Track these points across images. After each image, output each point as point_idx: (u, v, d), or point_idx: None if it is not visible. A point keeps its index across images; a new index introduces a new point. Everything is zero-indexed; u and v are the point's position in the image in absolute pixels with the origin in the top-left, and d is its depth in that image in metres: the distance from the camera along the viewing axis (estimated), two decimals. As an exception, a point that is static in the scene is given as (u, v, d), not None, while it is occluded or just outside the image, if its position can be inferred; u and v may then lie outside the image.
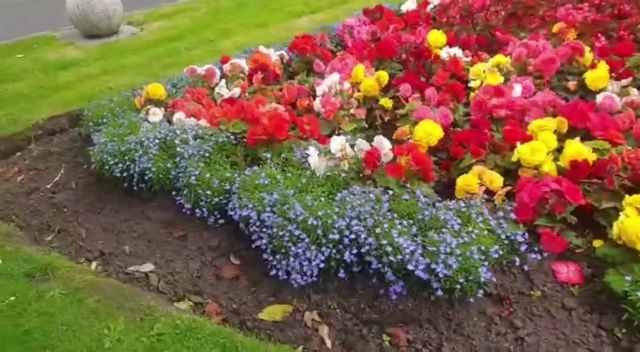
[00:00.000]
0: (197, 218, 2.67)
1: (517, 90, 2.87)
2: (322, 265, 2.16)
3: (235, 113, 2.90)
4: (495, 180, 2.24)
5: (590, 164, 2.20)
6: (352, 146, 2.55)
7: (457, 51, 3.71)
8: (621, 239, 1.94)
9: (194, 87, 3.69)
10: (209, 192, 2.55)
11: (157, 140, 2.86)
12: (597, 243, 2.10)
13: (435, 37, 3.82)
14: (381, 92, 3.26)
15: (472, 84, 3.14)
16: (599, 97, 2.77)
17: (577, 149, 2.22)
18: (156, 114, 3.19)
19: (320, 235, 2.19)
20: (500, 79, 3.15)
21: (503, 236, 2.04)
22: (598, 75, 2.90)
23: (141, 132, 2.96)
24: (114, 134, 3.00)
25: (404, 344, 1.97)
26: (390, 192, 2.29)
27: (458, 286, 1.95)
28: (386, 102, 3.21)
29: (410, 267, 2.00)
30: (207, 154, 2.71)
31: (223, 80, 3.55)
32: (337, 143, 2.46)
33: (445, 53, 3.71)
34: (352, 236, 2.15)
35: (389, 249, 2.05)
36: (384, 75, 3.17)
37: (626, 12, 4.08)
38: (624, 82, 2.94)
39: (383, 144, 2.42)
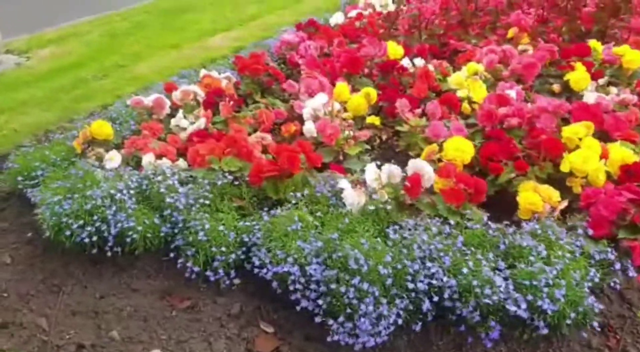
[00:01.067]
0: (203, 282, 2.16)
1: (512, 97, 2.81)
2: (399, 321, 1.82)
3: (225, 148, 2.43)
4: (553, 195, 2.10)
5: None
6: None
7: (419, 62, 3.61)
8: None
9: (140, 121, 3.09)
10: (223, 248, 2.06)
11: (132, 191, 2.28)
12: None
13: (394, 49, 3.68)
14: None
15: (459, 94, 3.03)
16: (589, 98, 2.82)
17: (622, 153, 2.18)
18: (113, 159, 2.57)
19: (389, 285, 1.85)
20: (482, 87, 3.09)
21: (596, 256, 1.89)
22: (580, 77, 2.97)
23: (104, 183, 2.33)
24: (65, 188, 2.33)
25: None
26: (451, 221, 2.04)
27: (569, 322, 1.75)
28: (373, 119, 2.97)
29: (511, 308, 1.75)
30: (206, 202, 2.21)
31: (180, 112, 3.01)
32: (372, 172, 2.14)
33: (406, 65, 3.59)
34: (428, 281, 1.85)
35: (478, 290, 1.78)
36: (372, 92, 2.93)
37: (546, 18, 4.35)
38: (601, 81, 3.05)
39: (424, 168, 2.16)
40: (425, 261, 1.89)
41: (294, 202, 2.15)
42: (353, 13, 5.03)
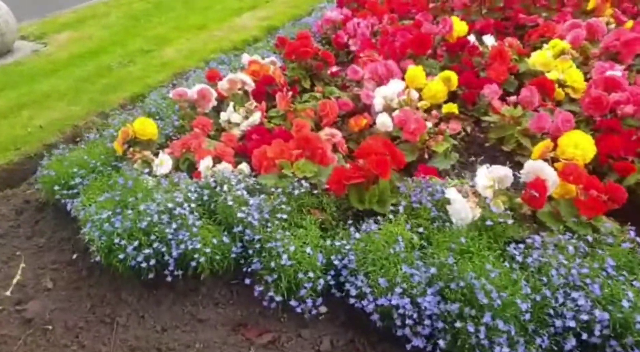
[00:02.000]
0: (283, 310, 1.83)
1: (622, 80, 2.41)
2: (540, 362, 1.49)
3: (296, 149, 2.07)
4: None
5: None
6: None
7: (489, 39, 3.19)
8: None
9: (184, 116, 2.73)
10: (311, 273, 1.72)
11: (193, 205, 1.93)
12: None
13: (459, 25, 3.26)
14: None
15: (550, 77, 2.62)
16: None
17: None
18: (164, 163, 2.22)
19: (526, 320, 1.50)
20: (575, 68, 2.69)
21: None
22: (692, 54, 2.55)
23: (158, 195, 1.99)
24: (114, 201, 1.99)
25: None
26: (589, 237, 1.68)
27: None
28: (451, 107, 2.58)
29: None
30: (284, 216, 1.86)
31: (231, 105, 2.64)
32: (484, 177, 1.77)
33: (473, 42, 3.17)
34: (573, 314, 1.50)
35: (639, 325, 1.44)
36: (452, 77, 2.53)
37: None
38: None
39: (545, 170, 1.79)
40: (567, 290, 1.54)
41: (391, 216, 1.79)
42: (397, -14, 4.56)
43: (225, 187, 1.95)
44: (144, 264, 1.86)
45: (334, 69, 3.26)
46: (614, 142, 2.02)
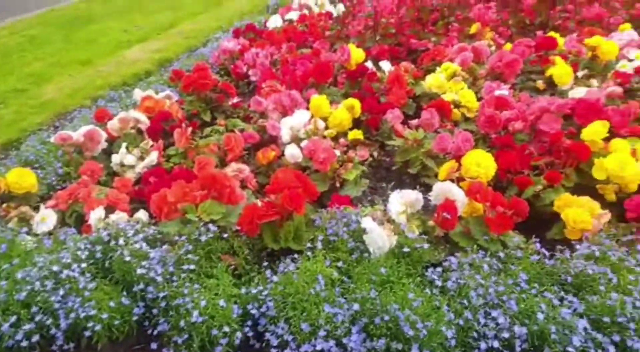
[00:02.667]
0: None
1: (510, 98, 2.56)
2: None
3: (200, 190, 1.91)
4: (595, 208, 1.84)
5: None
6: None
7: (385, 65, 3.28)
8: None
9: (69, 162, 2.46)
10: (226, 328, 1.56)
11: (83, 264, 1.69)
12: None
13: (357, 53, 3.32)
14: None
15: (446, 99, 2.73)
16: (578, 93, 2.64)
17: (656, 153, 1.99)
18: (46, 219, 1.94)
19: (452, 347, 1.47)
20: (467, 88, 2.83)
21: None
22: (563, 71, 2.80)
23: (39, 257, 1.72)
24: (-16, 271, 1.69)
25: None
26: (500, 254, 1.71)
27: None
28: (356, 134, 2.57)
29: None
30: (191, 267, 1.69)
31: (123, 146, 2.41)
32: (398, 203, 1.75)
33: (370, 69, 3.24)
34: (495, 333, 1.50)
35: (555, 336, 1.46)
36: (356, 104, 2.54)
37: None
38: (579, 74, 2.91)
39: (453, 191, 1.80)
40: (487, 309, 1.54)
41: (309, 253, 1.69)
42: (292, 15, 4.60)
43: (121, 241, 1.73)
44: (24, 343, 1.57)
45: (236, 100, 3.15)
46: (510, 158, 2.11)
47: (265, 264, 1.79)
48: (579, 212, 1.78)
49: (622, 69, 2.90)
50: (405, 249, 1.69)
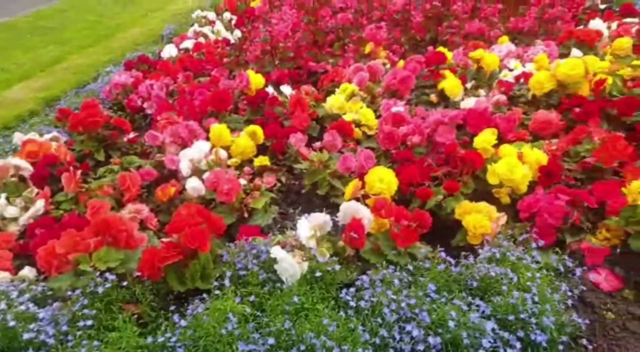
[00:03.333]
0: None
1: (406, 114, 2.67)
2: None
3: (94, 237, 1.76)
4: (493, 212, 1.95)
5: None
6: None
7: (286, 89, 3.30)
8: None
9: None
10: (133, 386, 1.43)
11: (-44, 338, 1.48)
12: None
13: (256, 78, 3.31)
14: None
15: (347, 119, 2.78)
16: (468, 103, 2.83)
17: (536, 155, 2.14)
18: None
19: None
20: (366, 107, 2.92)
21: (562, 268, 1.76)
22: (453, 84, 2.98)
23: None
24: None
25: None
26: (410, 267, 1.74)
27: (561, 347, 1.58)
28: (263, 161, 2.54)
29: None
30: (88, 322, 1.53)
31: (2, 197, 2.18)
32: (306, 228, 1.72)
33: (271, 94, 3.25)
34: (411, 347, 1.51)
35: (467, 341, 1.51)
36: (258, 131, 2.51)
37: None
38: (468, 85, 3.11)
39: (359, 210, 1.82)
40: (401, 324, 1.55)
41: (217, 291, 1.61)
42: (187, 44, 4.51)
43: (3, 304, 1.54)
44: None
45: (131, 135, 2.98)
46: (411, 171, 2.19)
47: (172, 308, 1.68)
48: (477, 218, 1.87)
49: (505, 78, 3.15)
50: (318, 274, 1.66)
